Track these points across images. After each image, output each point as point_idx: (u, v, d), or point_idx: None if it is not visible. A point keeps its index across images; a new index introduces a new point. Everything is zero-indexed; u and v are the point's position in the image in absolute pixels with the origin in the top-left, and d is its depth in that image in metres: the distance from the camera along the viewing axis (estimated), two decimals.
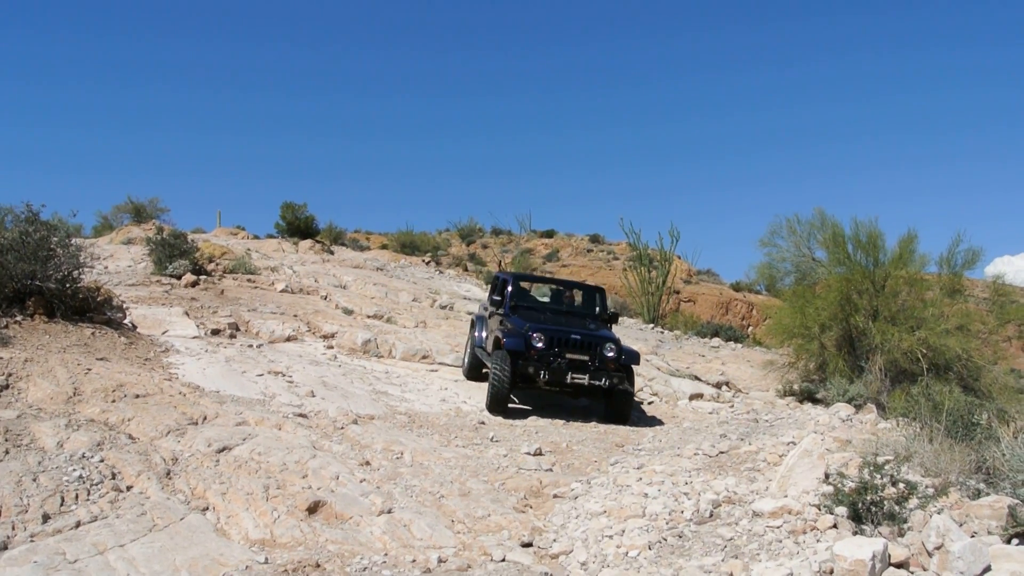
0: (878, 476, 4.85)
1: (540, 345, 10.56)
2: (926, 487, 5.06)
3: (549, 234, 44.94)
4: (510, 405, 11.09)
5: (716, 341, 20.08)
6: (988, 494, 5.06)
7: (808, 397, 12.96)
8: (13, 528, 5.04)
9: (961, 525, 4.42)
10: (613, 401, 10.80)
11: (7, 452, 6.15)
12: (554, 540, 5.68)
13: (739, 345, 19.99)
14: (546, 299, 13.49)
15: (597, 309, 12.51)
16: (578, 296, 13.03)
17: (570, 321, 11.64)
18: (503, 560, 5.22)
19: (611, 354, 10.72)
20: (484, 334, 12.43)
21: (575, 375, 10.51)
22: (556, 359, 10.56)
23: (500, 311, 11.89)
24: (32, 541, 4.90)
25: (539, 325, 10.88)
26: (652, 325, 22.23)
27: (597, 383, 10.55)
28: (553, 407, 11.34)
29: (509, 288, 12.19)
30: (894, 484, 4.83)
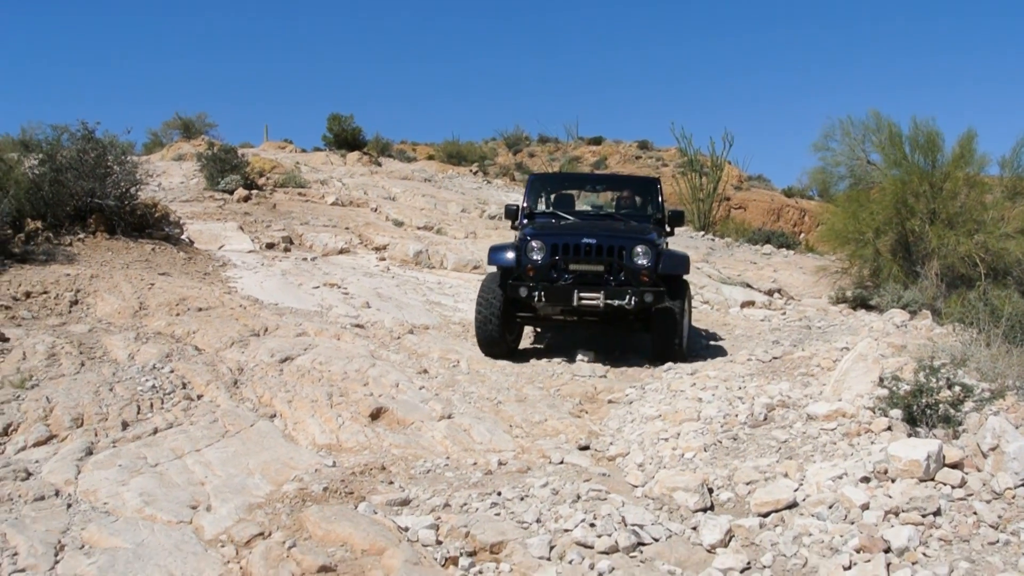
0: (933, 379, 4.85)
1: (538, 257, 8.02)
2: (982, 391, 5.06)
3: (597, 141, 44.28)
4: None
5: (768, 248, 19.87)
6: None
7: (861, 304, 12.85)
8: (96, 435, 5.31)
9: (1017, 428, 4.43)
10: (652, 327, 8.22)
11: (83, 364, 6.42)
12: (610, 443, 5.82)
13: (791, 252, 19.76)
14: (596, 209, 10.18)
15: (650, 208, 9.44)
16: (637, 198, 9.73)
17: (596, 225, 8.68)
18: (561, 463, 5.37)
19: (642, 261, 7.96)
20: None
21: (584, 294, 7.82)
22: (559, 273, 8.05)
23: (516, 223, 9.33)
24: (115, 447, 5.17)
25: (541, 232, 8.34)
26: (703, 232, 22.05)
27: (618, 303, 7.77)
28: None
29: (526, 195, 9.53)
30: (950, 387, 4.84)
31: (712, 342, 9.71)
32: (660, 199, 9.47)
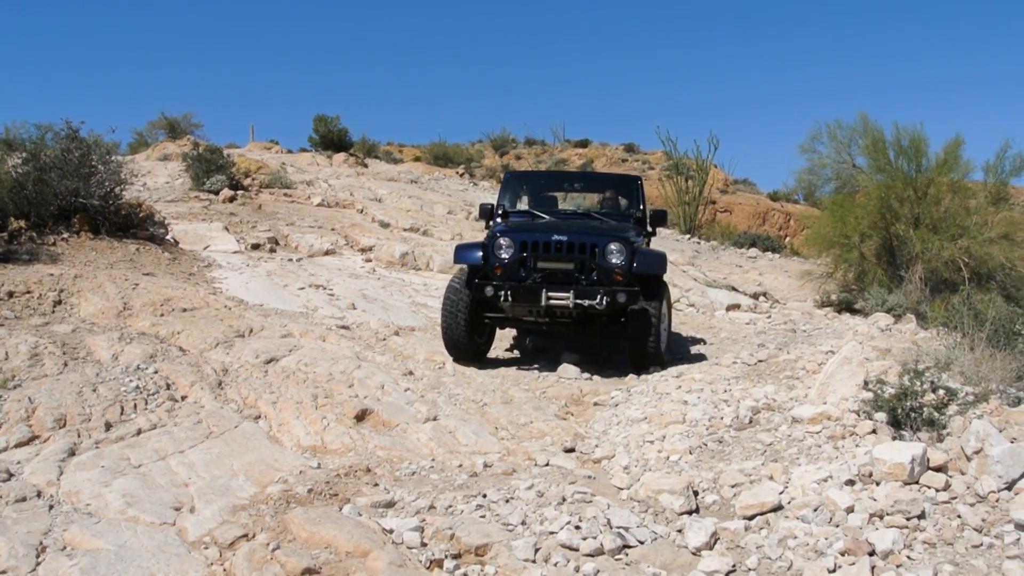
0: (918, 383, 4.87)
1: (506, 255, 7.70)
2: (966, 394, 5.08)
3: (583, 143, 44.34)
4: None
5: (753, 251, 19.93)
6: None
7: (846, 307, 12.91)
8: (79, 435, 5.27)
9: (1001, 431, 4.45)
10: (626, 330, 7.84)
11: (66, 365, 6.38)
12: (596, 446, 5.82)
13: (776, 255, 19.83)
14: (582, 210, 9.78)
15: (632, 209, 9.12)
16: (621, 199, 9.36)
17: (571, 224, 8.41)
18: (547, 465, 5.36)
19: (615, 259, 7.63)
20: None
21: (553, 294, 7.45)
22: (528, 272, 7.69)
23: (490, 223, 8.98)
24: (97, 448, 5.13)
25: (510, 229, 8.03)
26: (688, 235, 22.11)
27: (588, 303, 7.40)
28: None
29: (501, 193, 9.26)
30: (934, 391, 4.86)
31: (698, 345, 9.72)
32: (641, 197, 9.17)
